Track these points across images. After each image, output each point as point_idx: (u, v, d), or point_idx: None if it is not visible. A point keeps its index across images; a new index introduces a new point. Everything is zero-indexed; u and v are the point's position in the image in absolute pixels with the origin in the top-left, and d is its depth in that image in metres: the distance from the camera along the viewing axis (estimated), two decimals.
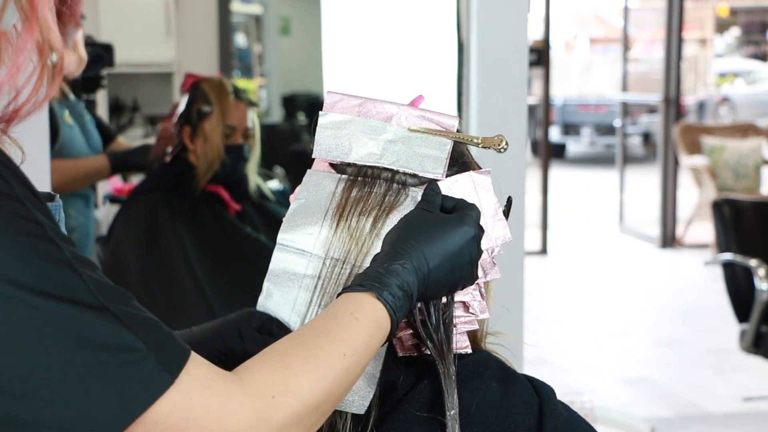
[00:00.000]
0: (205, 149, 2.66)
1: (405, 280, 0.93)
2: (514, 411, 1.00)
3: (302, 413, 0.81)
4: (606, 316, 5.99)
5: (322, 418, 0.86)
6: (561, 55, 17.56)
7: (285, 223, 1.03)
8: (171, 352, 0.76)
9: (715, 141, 7.66)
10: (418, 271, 0.94)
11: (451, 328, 1.00)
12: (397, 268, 0.94)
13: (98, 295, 0.74)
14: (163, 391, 0.74)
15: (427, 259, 0.95)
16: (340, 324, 0.89)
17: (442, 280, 0.96)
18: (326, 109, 1.06)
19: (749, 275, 3.85)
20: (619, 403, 4.29)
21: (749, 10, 19.49)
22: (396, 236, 0.98)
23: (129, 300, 0.77)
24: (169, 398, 0.74)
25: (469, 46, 2.42)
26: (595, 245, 8.18)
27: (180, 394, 0.75)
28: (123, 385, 0.73)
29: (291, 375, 0.82)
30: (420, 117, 1.04)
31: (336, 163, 1.05)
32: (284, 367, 0.82)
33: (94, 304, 0.73)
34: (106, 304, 0.74)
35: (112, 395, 0.72)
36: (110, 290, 0.76)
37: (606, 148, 14.05)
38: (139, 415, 0.73)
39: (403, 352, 1.03)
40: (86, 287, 0.74)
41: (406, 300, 0.94)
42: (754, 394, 4.47)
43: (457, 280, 0.98)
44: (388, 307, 0.92)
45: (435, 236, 0.97)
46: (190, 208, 2.69)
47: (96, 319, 0.73)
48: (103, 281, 0.76)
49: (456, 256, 0.97)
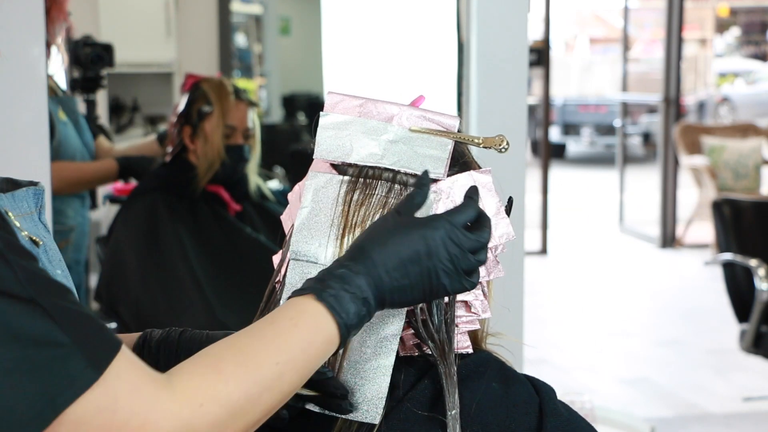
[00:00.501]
0: (205, 149, 2.66)
1: (352, 282, 0.91)
2: (514, 411, 1.00)
3: (227, 421, 0.81)
4: (606, 316, 5.99)
5: (252, 426, 0.85)
6: (561, 55, 17.56)
7: (295, 235, 1.03)
8: (98, 347, 0.75)
9: (715, 141, 7.66)
10: (370, 274, 0.91)
11: (452, 327, 1.00)
12: (343, 271, 0.91)
13: (28, 287, 0.73)
14: (87, 386, 0.74)
15: (377, 262, 0.92)
16: (277, 330, 0.88)
17: (400, 285, 0.93)
18: (327, 110, 1.06)
19: (749, 275, 3.85)
20: (619, 403, 4.29)
21: (749, 10, 19.49)
22: (356, 240, 0.96)
23: (62, 293, 0.77)
24: (94, 398, 0.74)
25: (469, 46, 2.42)
26: (595, 245, 8.18)
27: (107, 396, 0.75)
28: (47, 381, 0.72)
29: (221, 382, 0.81)
30: (421, 117, 1.04)
31: (337, 163, 1.05)
32: (215, 374, 0.82)
33: (22, 296, 0.73)
34: (35, 296, 0.73)
35: (36, 391, 0.72)
36: (42, 282, 0.75)
37: (606, 148, 14.04)
38: (63, 411, 0.73)
39: (404, 352, 1.03)
40: (15, 278, 0.73)
41: (359, 304, 0.90)
42: (754, 394, 4.47)
43: (420, 286, 0.93)
44: (331, 309, 0.89)
45: (388, 239, 0.93)
46: (190, 208, 2.69)
47: (23, 312, 0.72)
48: (36, 272, 0.75)
49: (410, 261, 0.93)
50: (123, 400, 0.76)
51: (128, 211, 2.66)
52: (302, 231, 1.03)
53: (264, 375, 0.84)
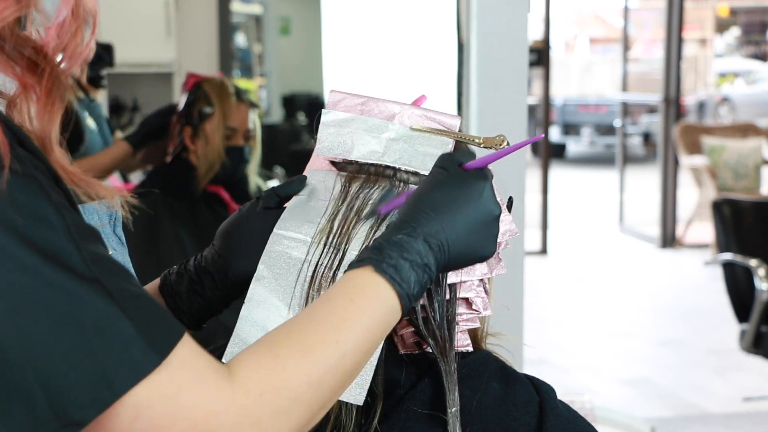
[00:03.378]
0: (205, 150, 2.66)
1: (411, 248, 0.88)
2: (514, 410, 1.00)
3: (290, 409, 0.79)
4: (606, 316, 5.99)
5: (319, 411, 0.83)
6: (561, 55, 17.56)
7: (285, 213, 1.03)
8: (161, 333, 0.74)
9: (715, 141, 7.66)
10: (429, 237, 0.89)
11: (453, 325, 1.01)
12: (401, 237, 0.89)
13: (93, 267, 0.72)
14: (148, 371, 0.72)
15: (435, 224, 0.90)
16: (334, 308, 0.85)
17: (462, 244, 0.91)
18: (329, 108, 1.06)
19: (749, 275, 3.86)
20: (619, 403, 4.29)
21: (749, 10, 19.49)
22: (405, 205, 0.94)
23: (127, 276, 0.75)
24: (158, 383, 0.73)
25: (469, 46, 2.42)
26: (595, 245, 8.18)
27: (171, 383, 0.74)
28: (108, 364, 0.71)
29: (279, 369, 0.79)
30: (422, 116, 1.04)
31: (338, 161, 1.06)
32: (272, 360, 0.80)
33: (86, 275, 0.72)
34: (99, 277, 0.72)
35: (96, 373, 0.71)
36: (107, 264, 0.74)
37: (606, 148, 14.05)
38: (123, 395, 0.72)
39: (404, 350, 1.03)
40: (81, 257, 0.72)
41: (419, 271, 0.88)
42: (754, 394, 4.47)
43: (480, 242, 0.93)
44: (391, 281, 0.87)
45: (444, 197, 0.92)
46: (190, 208, 2.69)
47: (87, 292, 0.71)
48: (101, 254, 0.74)
49: (474, 211, 0.92)
50: (187, 389, 0.74)
51: None
52: (292, 211, 1.03)
53: (324, 356, 0.82)
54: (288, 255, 1.00)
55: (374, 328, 0.86)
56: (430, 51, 4.41)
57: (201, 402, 0.75)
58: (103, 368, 0.71)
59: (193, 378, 0.75)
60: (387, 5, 5.14)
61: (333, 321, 0.84)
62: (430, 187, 0.94)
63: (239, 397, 0.77)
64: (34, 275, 0.70)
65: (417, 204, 0.92)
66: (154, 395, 0.73)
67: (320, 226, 1.01)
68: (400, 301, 0.88)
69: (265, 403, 0.78)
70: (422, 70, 4.50)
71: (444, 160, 0.96)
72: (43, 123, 0.77)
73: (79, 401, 0.71)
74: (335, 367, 0.83)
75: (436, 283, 1.00)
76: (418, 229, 0.90)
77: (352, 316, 0.85)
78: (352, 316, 0.85)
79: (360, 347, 0.85)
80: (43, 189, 0.73)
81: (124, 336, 0.72)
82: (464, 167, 0.95)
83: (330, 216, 1.02)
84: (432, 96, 1.09)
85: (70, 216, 0.73)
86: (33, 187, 0.72)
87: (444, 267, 0.92)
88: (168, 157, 2.74)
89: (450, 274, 1.00)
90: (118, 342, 0.71)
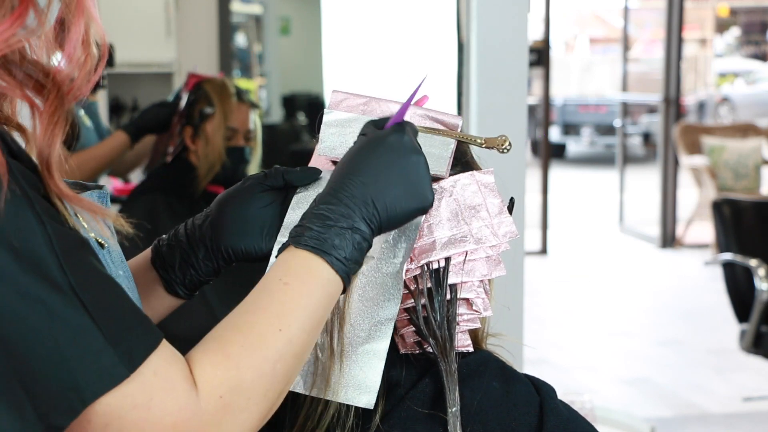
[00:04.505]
0: (206, 151, 2.66)
1: (334, 214, 0.88)
2: (514, 409, 1.00)
3: (247, 405, 0.81)
4: (606, 316, 6.00)
5: (277, 399, 0.85)
6: (561, 55, 17.57)
7: (287, 219, 1.03)
8: (134, 342, 0.76)
9: (715, 141, 7.66)
10: (352, 199, 0.89)
11: (453, 325, 1.01)
12: (323, 207, 0.89)
13: (70, 277, 0.74)
14: (118, 381, 0.75)
15: (355, 183, 0.90)
16: (271, 296, 0.86)
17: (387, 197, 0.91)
18: (331, 107, 1.06)
19: (749, 275, 3.86)
20: (619, 403, 4.29)
21: (749, 10, 19.49)
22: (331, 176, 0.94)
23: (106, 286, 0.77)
24: (129, 392, 0.75)
25: (469, 46, 2.42)
26: (595, 245, 8.18)
27: (143, 393, 0.76)
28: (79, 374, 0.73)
29: (232, 368, 0.81)
30: (424, 116, 1.04)
31: (339, 161, 1.06)
32: (224, 359, 0.81)
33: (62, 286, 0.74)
34: (75, 288, 0.74)
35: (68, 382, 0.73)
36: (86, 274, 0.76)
37: (606, 148, 14.05)
38: (90, 403, 0.74)
39: (405, 350, 1.03)
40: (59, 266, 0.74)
41: (349, 234, 0.88)
42: (754, 394, 4.48)
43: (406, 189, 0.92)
44: (316, 251, 0.87)
45: (358, 157, 0.92)
46: (190, 208, 2.69)
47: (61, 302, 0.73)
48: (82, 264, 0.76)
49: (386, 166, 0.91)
50: (157, 398, 0.77)
51: (128, 211, 2.66)
52: (295, 211, 1.03)
53: (271, 347, 0.83)
54: None
55: (315, 305, 0.87)
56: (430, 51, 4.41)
57: (171, 410, 0.77)
58: (75, 377, 0.74)
59: (164, 387, 0.77)
60: (387, 5, 5.14)
61: (273, 309, 0.85)
62: (350, 153, 0.94)
63: (203, 403, 0.79)
64: (12, 284, 0.72)
65: (339, 172, 0.93)
66: (125, 404, 0.75)
67: None
68: (333, 267, 0.88)
69: (225, 404, 0.80)
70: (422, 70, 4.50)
71: (364, 127, 0.98)
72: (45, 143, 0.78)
73: (58, 407, 0.74)
74: (284, 354, 0.84)
75: (436, 283, 1.00)
76: (339, 194, 0.90)
77: (291, 300, 0.86)
78: (290, 299, 0.86)
79: (305, 328, 0.86)
80: (28, 199, 0.74)
81: (95, 347, 0.74)
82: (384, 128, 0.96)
83: None
84: (432, 96, 1.09)
85: (53, 226, 0.75)
86: (16, 197, 0.74)
87: (380, 225, 0.91)
88: (168, 157, 2.74)
89: (450, 274, 1.00)
90: (88, 352, 0.74)
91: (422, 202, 0.94)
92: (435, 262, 1.01)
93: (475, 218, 1.02)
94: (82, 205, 0.81)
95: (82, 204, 0.81)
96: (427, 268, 1.01)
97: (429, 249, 1.01)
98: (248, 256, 1.06)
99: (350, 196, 0.90)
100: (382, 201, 0.91)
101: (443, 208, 1.01)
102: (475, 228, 1.02)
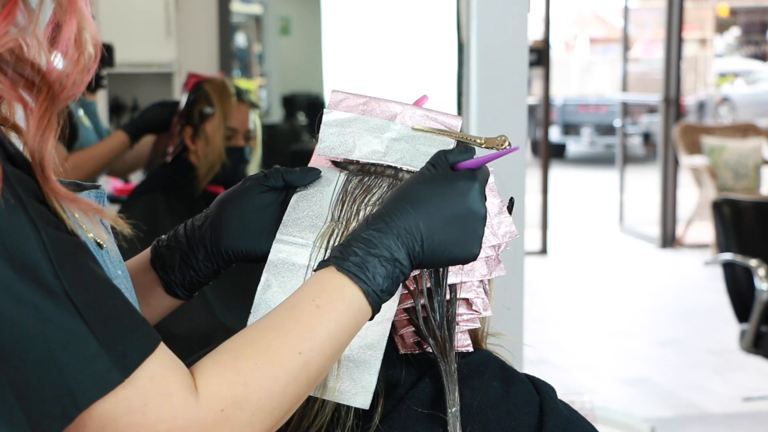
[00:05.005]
0: (206, 151, 2.66)
1: (380, 243, 0.86)
2: (514, 409, 1.00)
3: (251, 423, 0.80)
4: (606, 316, 5.99)
5: (283, 417, 0.83)
6: (561, 55, 17.56)
7: (285, 217, 1.03)
8: (129, 347, 0.75)
9: (715, 141, 7.66)
10: (401, 231, 0.88)
11: (453, 325, 1.01)
12: (370, 232, 0.87)
13: (64, 281, 0.73)
14: (112, 386, 0.74)
15: (409, 217, 0.88)
16: (299, 316, 0.84)
17: (438, 240, 0.89)
18: (331, 107, 1.06)
19: (749, 275, 3.86)
20: (619, 403, 4.29)
21: (749, 10, 19.49)
22: (386, 199, 0.92)
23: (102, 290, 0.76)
24: (124, 397, 0.75)
25: (469, 46, 2.42)
26: (595, 245, 8.18)
27: (138, 398, 0.75)
28: (73, 379, 0.73)
29: (240, 384, 0.79)
30: (424, 116, 1.04)
31: (339, 160, 1.06)
32: (234, 374, 0.80)
33: (55, 290, 0.73)
34: (69, 292, 0.73)
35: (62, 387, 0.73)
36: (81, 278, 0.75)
37: (606, 148, 14.05)
38: (85, 409, 0.73)
39: (404, 350, 1.03)
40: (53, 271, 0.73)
41: (390, 266, 0.87)
42: (754, 394, 4.48)
43: (459, 241, 0.90)
44: (355, 279, 0.85)
45: (423, 191, 0.90)
46: (190, 208, 2.69)
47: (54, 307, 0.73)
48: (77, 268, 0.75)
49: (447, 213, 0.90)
50: (153, 404, 0.76)
51: (128, 211, 2.66)
52: (294, 212, 1.03)
53: (286, 369, 0.81)
54: (291, 262, 1.00)
55: (341, 332, 0.85)
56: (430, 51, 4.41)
57: (166, 417, 0.76)
58: (68, 383, 0.73)
59: (160, 393, 0.76)
60: (387, 5, 5.14)
61: (297, 330, 0.83)
62: (414, 182, 0.93)
63: (202, 413, 0.78)
64: (6, 289, 0.72)
65: (396, 198, 0.91)
66: (120, 409, 0.75)
67: (321, 230, 1.01)
68: (368, 298, 0.86)
69: (225, 417, 0.79)
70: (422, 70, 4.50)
71: (436, 157, 0.95)
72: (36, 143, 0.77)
73: (50, 413, 0.73)
74: (298, 376, 0.82)
75: (436, 283, 1.00)
76: (392, 223, 0.88)
77: (318, 324, 0.84)
78: (318, 323, 0.84)
79: (325, 353, 0.84)
80: (22, 205, 0.74)
81: (89, 352, 0.73)
82: (456, 167, 0.94)
83: (331, 219, 1.02)
84: (432, 96, 1.09)
85: (47, 231, 0.74)
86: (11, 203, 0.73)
87: (420, 263, 0.90)
88: (168, 157, 2.74)
89: (450, 274, 1.00)
90: (82, 358, 0.73)
91: (467, 255, 0.92)
92: None
93: None
94: (79, 206, 0.80)
95: (78, 204, 0.80)
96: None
97: None
98: (248, 256, 1.06)
99: (403, 227, 0.88)
100: (429, 241, 0.89)
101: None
102: None
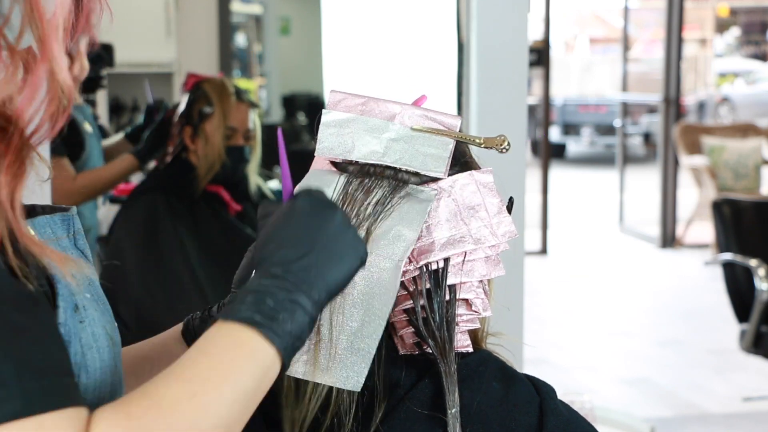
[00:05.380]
0: (206, 150, 2.67)
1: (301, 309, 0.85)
2: (514, 410, 1.00)
3: None
4: (606, 316, 6.00)
5: None
6: (561, 55, 17.57)
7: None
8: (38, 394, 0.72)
9: (715, 141, 7.66)
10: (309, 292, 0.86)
11: (453, 326, 1.01)
12: (247, 287, 0.86)
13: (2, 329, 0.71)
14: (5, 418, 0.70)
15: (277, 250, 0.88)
16: (186, 364, 0.81)
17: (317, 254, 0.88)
18: (329, 108, 1.06)
19: (749, 275, 3.86)
20: (619, 403, 4.29)
21: (749, 10, 19.49)
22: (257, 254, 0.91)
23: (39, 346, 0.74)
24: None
25: (469, 46, 2.42)
26: (595, 245, 8.18)
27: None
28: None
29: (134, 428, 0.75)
30: (423, 116, 1.04)
31: (338, 161, 1.05)
32: (125, 419, 0.75)
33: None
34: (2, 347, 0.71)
35: None
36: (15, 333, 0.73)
37: (606, 148, 14.05)
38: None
39: (404, 351, 1.03)
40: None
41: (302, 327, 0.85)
42: (754, 394, 4.48)
43: (339, 250, 0.90)
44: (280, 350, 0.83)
45: (274, 225, 0.90)
46: (191, 208, 2.69)
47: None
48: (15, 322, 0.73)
49: (307, 226, 0.90)
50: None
51: (128, 211, 2.66)
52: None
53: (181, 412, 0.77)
54: None
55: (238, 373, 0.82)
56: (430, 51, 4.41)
57: None
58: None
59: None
60: (387, 5, 5.14)
61: (186, 375, 0.80)
62: (267, 226, 0.92)
63: None
64: None
65: (258, 247, 0.91)
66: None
67: None
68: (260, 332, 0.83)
69: None
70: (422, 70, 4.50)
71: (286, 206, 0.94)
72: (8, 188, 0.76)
73: None
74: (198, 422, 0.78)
75: (435, 284, 1.00)
76: (260, 268, 0.87)
77: (208, 368, 0.81)
78: (208, 367, 0.81)
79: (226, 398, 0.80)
80: None
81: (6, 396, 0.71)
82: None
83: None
84: (432, 96, 1.09)
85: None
86: None
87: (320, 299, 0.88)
88: (168, 157, 2.74)
89: (449, 274, 1.00)
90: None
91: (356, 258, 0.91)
92: (434, 263, 1.01)
93: (473, 218, 1.02)
94: (45, 254, 0.79)
95: (44, 253, 0.78)
96: (426, 268, 1.00)
97: (428, 250, 1.01)
98: None
99: (272, 266, 0.87)
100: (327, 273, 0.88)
101: (442, 208, 1.01)
102: (474, 228, 1.01)
